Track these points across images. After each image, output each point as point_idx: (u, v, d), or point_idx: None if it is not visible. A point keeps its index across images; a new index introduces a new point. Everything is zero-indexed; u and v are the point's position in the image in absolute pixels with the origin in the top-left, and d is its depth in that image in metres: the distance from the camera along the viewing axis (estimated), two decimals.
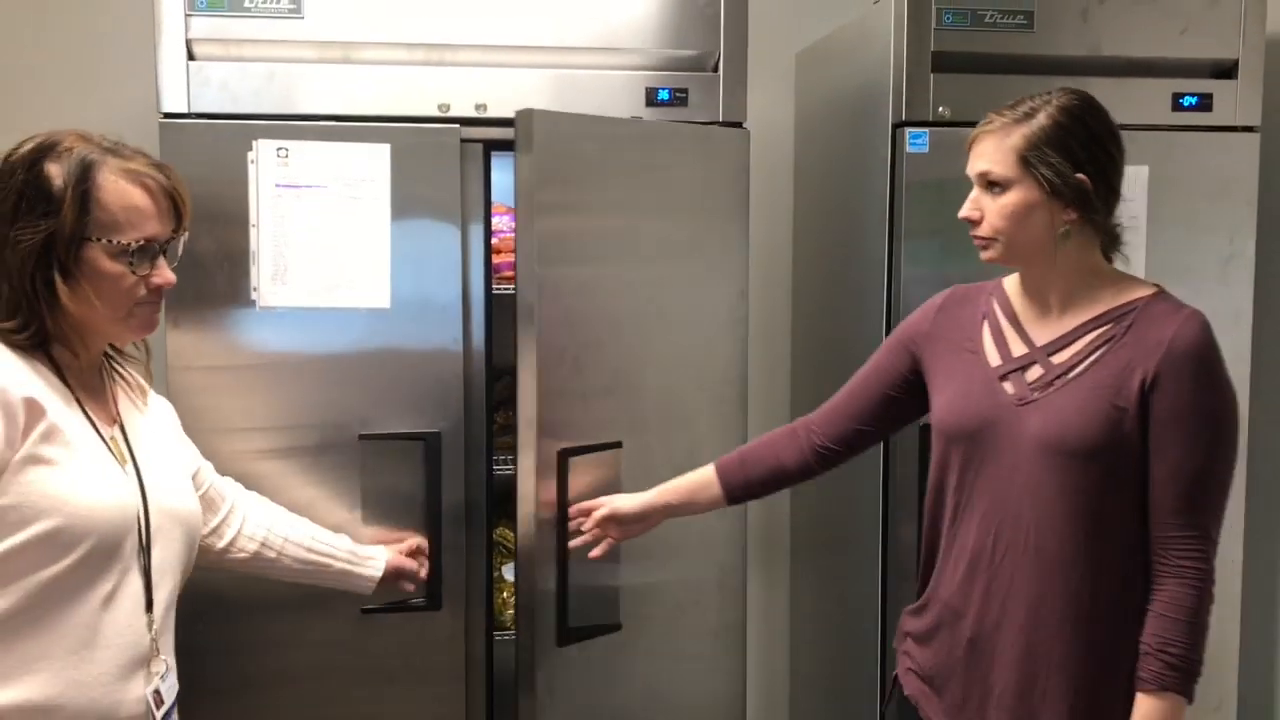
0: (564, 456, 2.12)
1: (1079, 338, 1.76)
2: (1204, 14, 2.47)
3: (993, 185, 1.75)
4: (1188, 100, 2.49)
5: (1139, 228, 2.45)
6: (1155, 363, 1.68)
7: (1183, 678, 1.65)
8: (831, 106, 2.84)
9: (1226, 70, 2.51)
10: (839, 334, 2.76)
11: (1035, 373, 1.77)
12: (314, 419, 2.22)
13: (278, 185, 2.17)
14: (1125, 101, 2.45)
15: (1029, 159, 1.71)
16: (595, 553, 2.10)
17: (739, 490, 2.04)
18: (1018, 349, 1.80)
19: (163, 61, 2.17)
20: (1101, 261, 1.78)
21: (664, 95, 2.31)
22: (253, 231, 2.17)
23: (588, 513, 2.11)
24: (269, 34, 2.19)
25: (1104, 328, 1.74)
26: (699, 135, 2.31)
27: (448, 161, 2.23)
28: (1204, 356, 1.67)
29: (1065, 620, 1.71)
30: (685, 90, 2.32)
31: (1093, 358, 1.73)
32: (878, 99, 2.47)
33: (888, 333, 2.43)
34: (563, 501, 2.13)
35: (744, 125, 2.35)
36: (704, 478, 2.05)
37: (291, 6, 2.19)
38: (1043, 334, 1.79)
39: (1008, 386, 1.79)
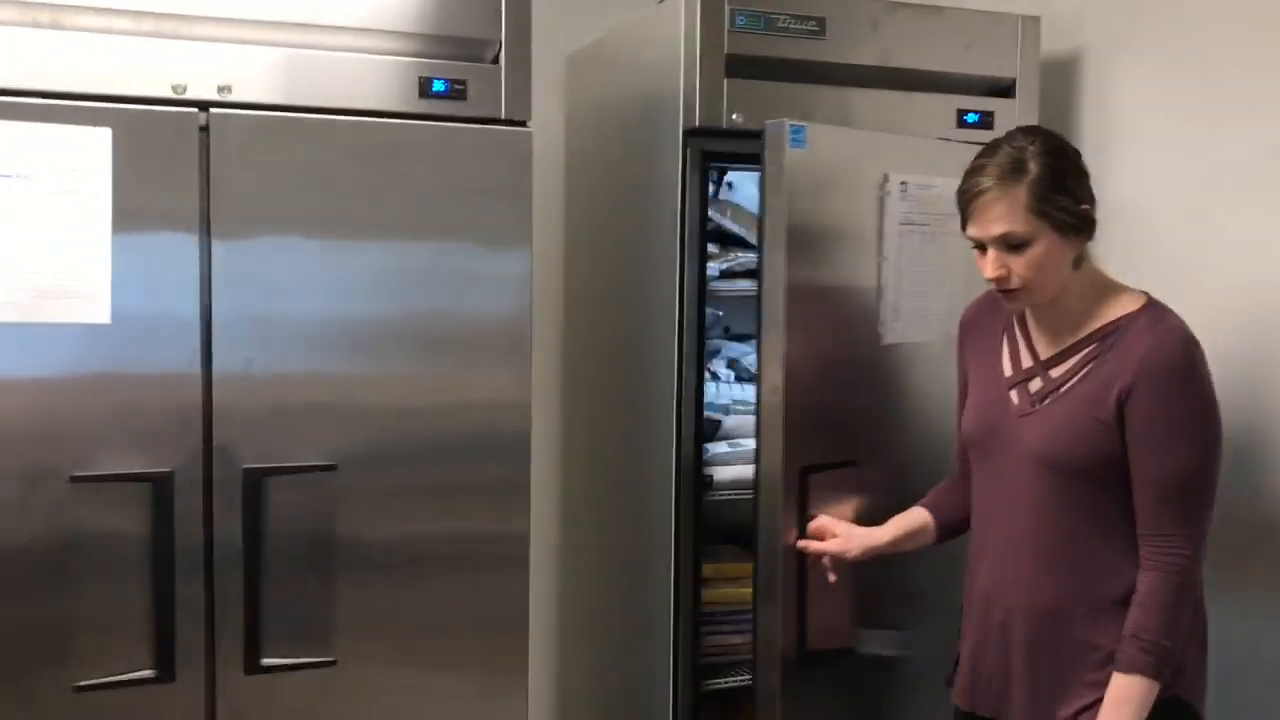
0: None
1: (1074, 354, 1.85)
2: (987, 31, 2.47)
3: (1013, 244, 1.80)
4: (971, 117, 2.47)
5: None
6: (1130, 376, 1.78)
7: (1152, 660, 1.76)
8: (608, 111, 2.67)
9: (1005, 89, 2.51)
10: (626, 347, 2.57)
11: (1036, 385, 1.88)
12: (15, 457, 1.83)
13: None
14: (914, 116, 2.43)
15: (1043, 210, 1.78)
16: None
17: (948, 532, 2.11)
18: (1026, 361, 1.91)
19: None
20: (1099, 273, 1.87)
21: (440, 86, 2.06)
22: None
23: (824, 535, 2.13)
24: None
25: (1093, 345, 1.84)
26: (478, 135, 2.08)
27: (185, 152, 1.90)
28: (1175, 369, 1.77)
29: (1051, 612, 1.86)
30: (464, 82, 2.07)
31: (1082, 373, 1.83)
32: (665, 104, 2.31)
33: (680, 344, 2.30)
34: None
35: (528, 125, 2.13)
36: (921, 520, 2.10)
37: None
38: (1047, 347, 1.89)
39: (1014, 397, 1.90)
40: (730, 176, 2.72)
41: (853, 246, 2.25)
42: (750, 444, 2.43)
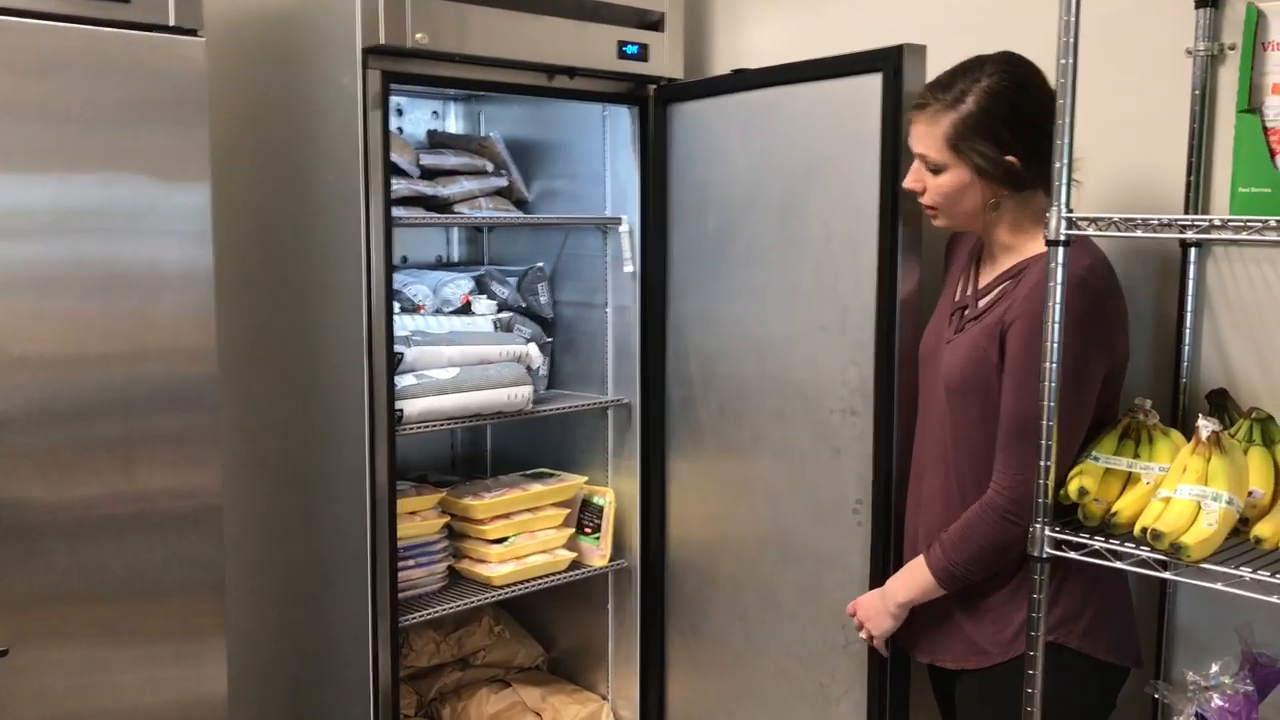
0: None
1: (996, 287, 1.90)
2: None
3: (930, 166, 1.88)
4: (630, 49, 2.54)
5: None
6: (1013, 314, 1.81)
7: (938, 564, 1.91)
8: (280, 24, 2.43)
9: (656, 23, 2.60)
10: (312, 281, 2.40)
11: (965, 314, 1.94)
12: None
13: None
14: (581, 44, 2.45)
15: (959, 147, 1.83)
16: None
17: None
18: (968, 289, 1.97)
19: None
20: (1038, 208, 1.86)
21: None
22: None
23: None
24: None
25: (1007, 281, 1.87)
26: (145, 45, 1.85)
27: None
28: (1040, 313, 1.72)
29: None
30: None
31: (990, 308, 1.87)
32: (342, 18, 2.17)
33: (368, 276, 2.21)
34: None
35: (200, 34, 1.92)
36: None
37: None
38: (985, 276, 1.95)
39: (952, 324, 1.96)
40: (398, 101, 2.61)
41: None
42: (435, 375, 2.40)
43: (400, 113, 2.89)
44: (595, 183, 2.73)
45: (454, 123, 3.01)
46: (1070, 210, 1.70)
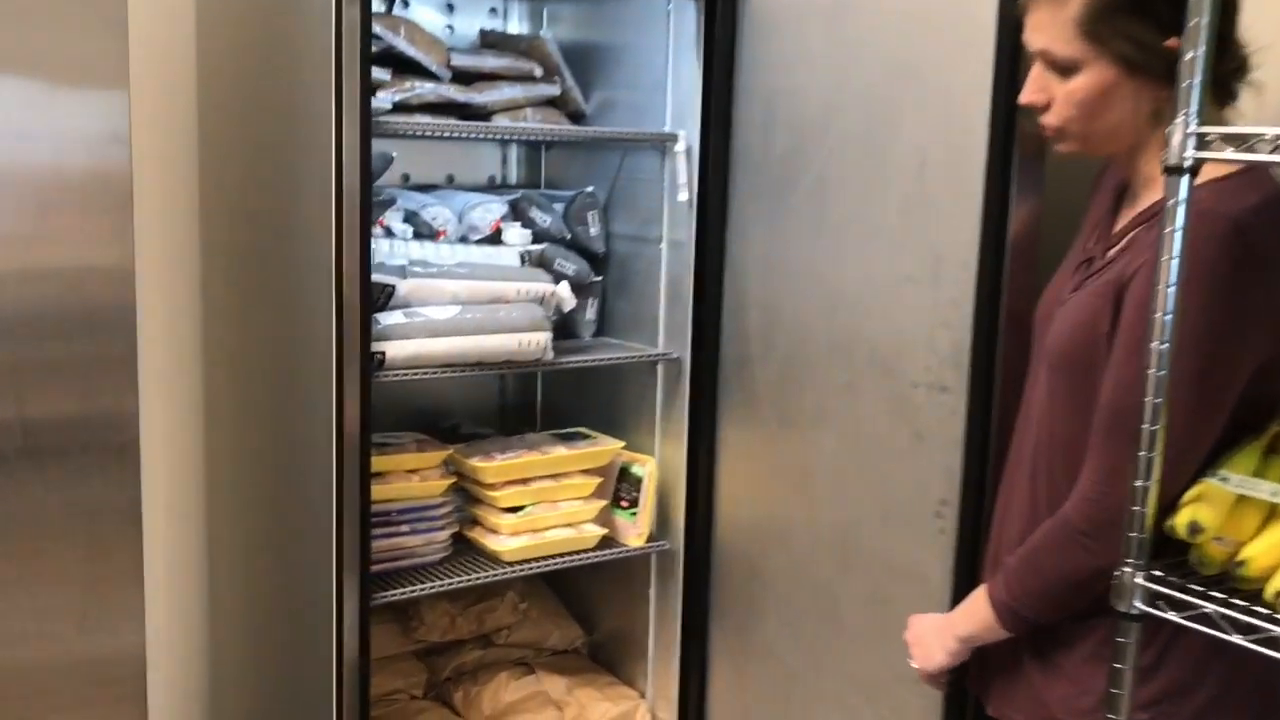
0: None
1: (1129, 232, 1.42)
2: None
3: (1056, 66, 1.39)
4: None
5: None
6: (1135, 268, 1.34)
7: (999, 597, 1.48)
8: None
9: None
10: (274, 198, 2.08)
11: (1090, 268, 1.47)
12: None
13: None
14: None
15: (1097, 32, 1.33)
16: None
17: None
18: (1096, 238, 1.50)
19: None
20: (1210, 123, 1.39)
21: None
22: None
23: None
24: None
25: (1142, 226, 1.39)
26: None
27: None
28: (1183, 264, 1.22)
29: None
30: None
31: (1116, 259, 1.41)
32: None
33: (339, 192, 1.84)
34: None
35: None
36: None
37: None
38: (1124, 219, 1.46)
39: (1074, 280, 1.49)
40: None
41: None
42: (431, 314, 2.03)
43: (451, 8, 2.51)
44: (656, 92, 2.28)
45: (516, 24, 2.61)
46: (1201, 124, 1.17)
